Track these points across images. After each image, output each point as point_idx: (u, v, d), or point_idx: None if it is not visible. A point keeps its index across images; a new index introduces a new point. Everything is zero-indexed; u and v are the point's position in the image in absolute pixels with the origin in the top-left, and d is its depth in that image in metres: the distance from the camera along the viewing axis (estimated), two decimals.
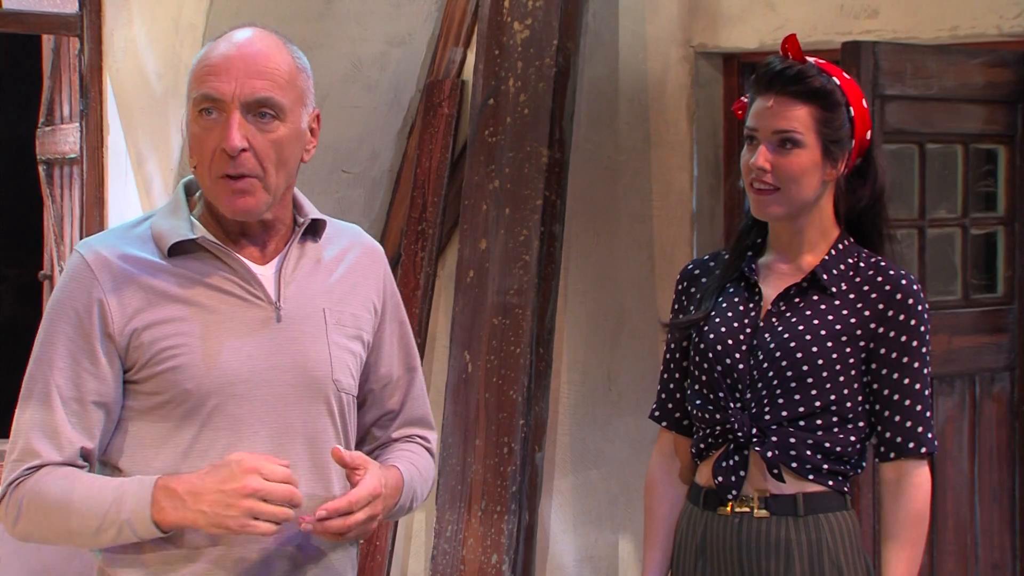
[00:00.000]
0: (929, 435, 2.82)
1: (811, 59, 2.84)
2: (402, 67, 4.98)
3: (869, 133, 2.85)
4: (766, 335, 2.82)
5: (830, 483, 2.82)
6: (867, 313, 2.81)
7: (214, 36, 4.62)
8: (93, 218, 5.21)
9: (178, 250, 2.34)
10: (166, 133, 4.87)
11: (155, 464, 2.30)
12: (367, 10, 4.82)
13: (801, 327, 2.81)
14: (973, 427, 4.27)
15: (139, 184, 5.06)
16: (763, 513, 2.82)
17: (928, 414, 2.82)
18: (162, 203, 4.89)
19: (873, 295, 2.82)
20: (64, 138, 5.39)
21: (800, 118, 2.77)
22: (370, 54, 4.90)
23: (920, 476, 2.82)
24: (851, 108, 2.81)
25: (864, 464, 2.86)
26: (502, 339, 4.53)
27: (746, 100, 2.90)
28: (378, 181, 5.10)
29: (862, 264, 2.85)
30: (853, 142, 2.82)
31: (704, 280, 2.96)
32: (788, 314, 2.83)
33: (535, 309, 4.52)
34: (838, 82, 2.81)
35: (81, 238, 5.28)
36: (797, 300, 2.84)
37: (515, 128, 4.59)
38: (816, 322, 2.81)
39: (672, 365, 2.98)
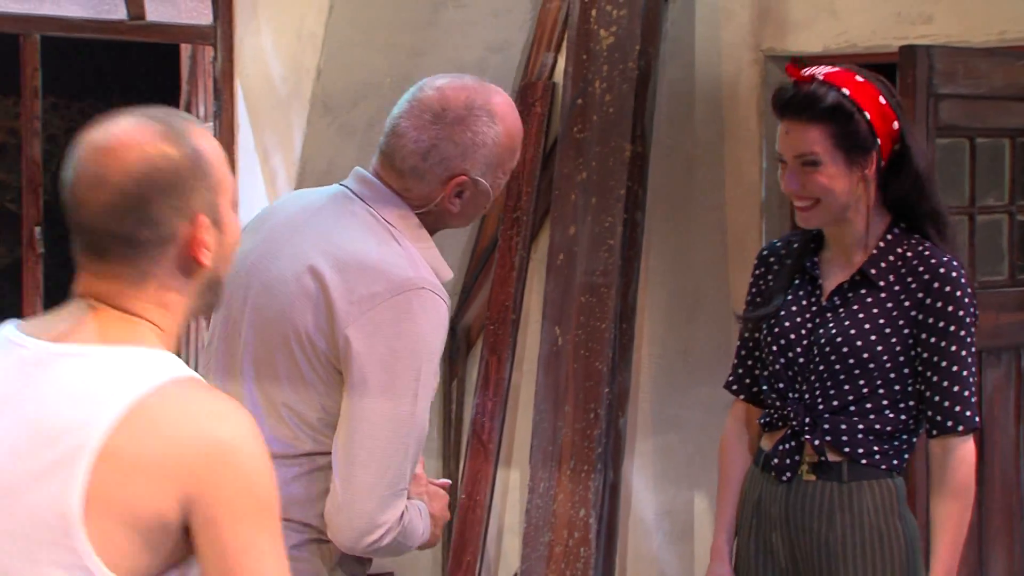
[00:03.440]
0: (968, 413, 2.78)
1: (821, 71, 2.77)
2: (500, 71, 4.98)
3: (896, 123, 2.78)
4: (820, 331, 2.80)
5: (882, 465, 2.81)
6: (908, 303, 2.77)
7: (334, 44, 4.49)
8: None
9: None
10: (289, 131, 4.93)
11: None
12: (468, 20, 4.85)
13: (848, 322, 2.78)
14: (1019, 395, 4.22)
15: (265, 177, 5.14)
16: (811, 477, 2.81)
17: (967, 393, 2.78)
18: (285, 194, 4.89)
19: (914, 285, 2.78)
20: None
21: (815, 139, 2.73)
22: (471, 59, 4.91)
23: (963, 450, 2.79)
24: (866, 112, 2.74)
25: (918, 434, 2.86)
26: (589, 315, 4.50)
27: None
28: None
29: (909, 253, 2.80)
30: (878, 141, 2.76)
31: (776, 267, 2.94)
32: (840, 310, 2.80)
33: (619, 288, 4.48)
34: (847, 92, 2.73)
35: None
36: (850, 295, 2.81)
37: (601, 125, 4.57)
38: (862, 316, 2.78)
39: (750, 343, 2.98)
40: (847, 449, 2.78)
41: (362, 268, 2.31)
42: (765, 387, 2.90)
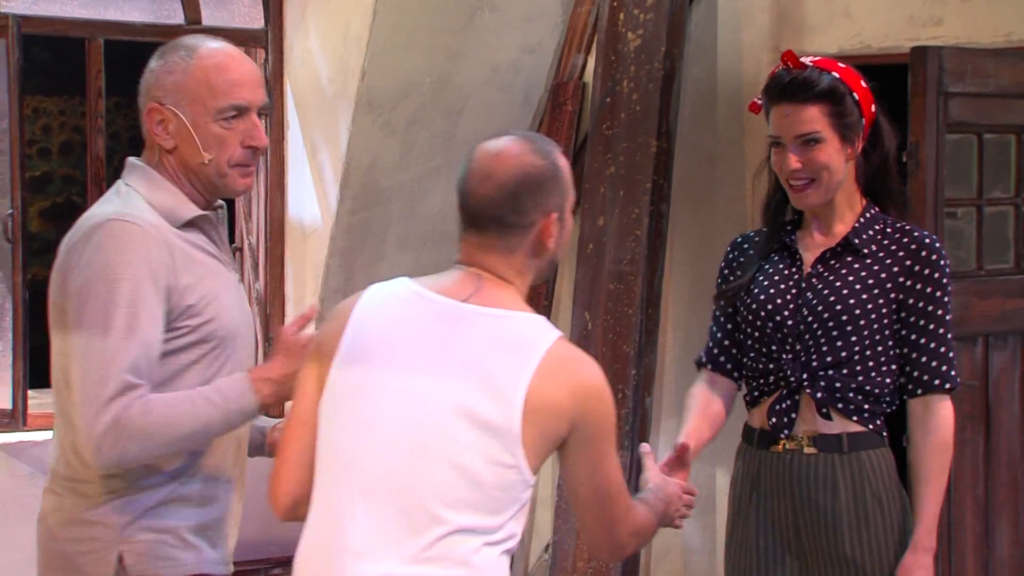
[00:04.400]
0: (952, 372, 2.81)
1: (809, 60, 2.84)
2: (533, 72, 5.01)
3: (873, 107, 2.85)
4: (809, 293, 2.83)
5: (870, 424, 2.83)
6: (896, 269, 2.82)
7: (377, 46, 4.56)
8: (275, 199, 5.29)
9: (186, 224, 2.42)
10: (336, 129, 4.95)
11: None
12: (503, 23, 4.87)
13: (838, 283, 2.82)
14: (1023, 376, 4.23)
15: (313, 172, 5.15)
16: (812, 450, 2.83)
17: (951, 355, 2.81)
18: (334, 189, 4.91)
19: (901, 253, 2.83)
20: None
21: (815, 118, 2.78)
22: (506, 61, 4.95)
23: (944, 409, 2.82)
24: (854, 93, 2.81)
25: (898, 402, 2.88)
26: (617, 302, 4.52)
27: (760, 101, 2.91)
28: None
29: (889, 229, 2.86)
30: (864, 120, 2.83)
31: (751, 252, 2.97)
32: (827, 274, 2.84)
33: (645, 276, 4.50)
34: (837, 75, 2.81)
35: (266, 216, 5.27)
36: (833, 262, 2.85)
37: (628, 122, 4.57)
38: (851, 278, 2.82)
39: (722, 320, 2.99)
40: (840, 406, 2.80)
41: (75, 228, 2.37)
42: (752, 355, 2.89)
